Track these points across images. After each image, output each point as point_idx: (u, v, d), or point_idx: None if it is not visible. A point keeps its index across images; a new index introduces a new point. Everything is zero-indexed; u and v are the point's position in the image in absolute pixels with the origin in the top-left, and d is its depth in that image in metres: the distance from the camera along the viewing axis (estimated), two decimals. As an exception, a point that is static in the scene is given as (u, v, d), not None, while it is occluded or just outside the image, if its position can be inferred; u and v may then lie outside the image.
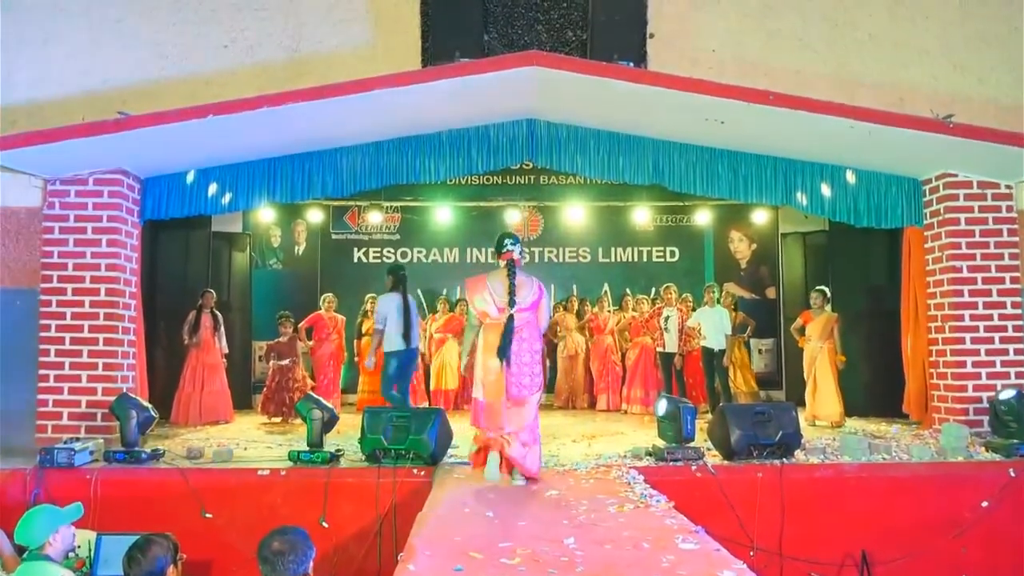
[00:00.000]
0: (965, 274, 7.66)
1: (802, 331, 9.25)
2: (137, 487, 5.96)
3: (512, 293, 5.61)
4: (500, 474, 5.55)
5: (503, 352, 5.49)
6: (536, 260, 12.31)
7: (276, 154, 7.66)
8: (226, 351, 9.69)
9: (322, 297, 10.58)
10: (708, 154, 7.87)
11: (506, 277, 5.69)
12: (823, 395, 8.82)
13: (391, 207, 12.13)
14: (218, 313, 9.62)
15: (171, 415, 9.08)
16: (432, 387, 10.54)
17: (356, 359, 10.82)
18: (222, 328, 9.62)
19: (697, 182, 7.87)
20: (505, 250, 5.83)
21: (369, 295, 10.87)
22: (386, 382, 8.37)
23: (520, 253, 5.87)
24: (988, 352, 7.61)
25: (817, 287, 9.37)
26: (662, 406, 6.54)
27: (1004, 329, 7.62)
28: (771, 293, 12.28)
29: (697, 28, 8.38)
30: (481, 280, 5.81)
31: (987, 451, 6.57)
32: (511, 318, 5.58)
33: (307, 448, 6.26)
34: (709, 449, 6.50)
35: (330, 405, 6.60)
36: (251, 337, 11.02)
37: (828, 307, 9.25)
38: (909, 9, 8.48)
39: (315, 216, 11.99)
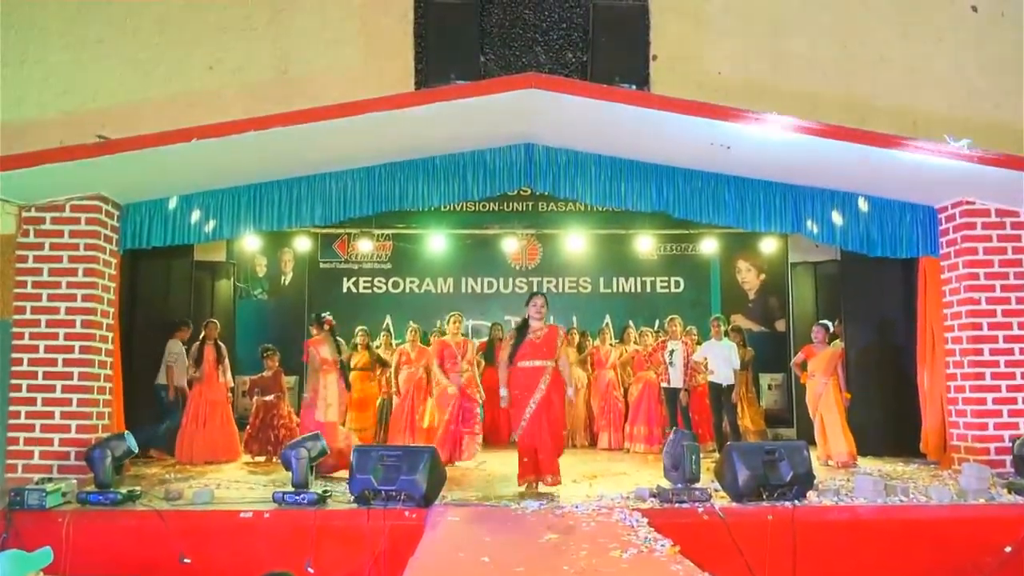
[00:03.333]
0: (984, 306, 7.67)
1: (804, 366, 9.23)
2: (112, 531, 5.90)
3: (339, 348, 8.61)
4: None
5: (349, 387, 8.77)
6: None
7: (263, 180, 7.69)
8: (231, 385, 9.69)
9: (448, 316, 9.28)
10: (714, 180, 7.90)
11: (332, 338, 8.55)
12: (832, 434, 8.77)
13: (382, 235, 12.15)
14: (222, 345, 9.62)
15: (175, 452, 9.07)
16: (426, 424, 10.47)
17: (344, 393, 10.79)
18: (226, 360, 9.62)
19: (703, 209, 7.90)
20: (326, 317, 8.63)
21: (360, 327, 10.85)
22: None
23: None
24: (1009, 388, 7.61)
25: (820, 321, 9.37)
26: (673, 437, 6.54)
27: (1026, 364, 7.63)
28: (780, 326, 12.28)
29: (702, 50, 8.46)
30: (318, 340, 8.48)
31: (1010, 493, 6.53)
32: (343, 363, 8.64)
33: (292, 489, 6.21)
34: (716, 490, 6.46)
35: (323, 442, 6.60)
36: (234, 372, 10.98)
37: (838, 341, 9.25)
38: (922, 32, 8.57)
39: (303, 244, 12.00)
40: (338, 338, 8.69)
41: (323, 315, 8.70)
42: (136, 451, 6.85)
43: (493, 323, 11.56)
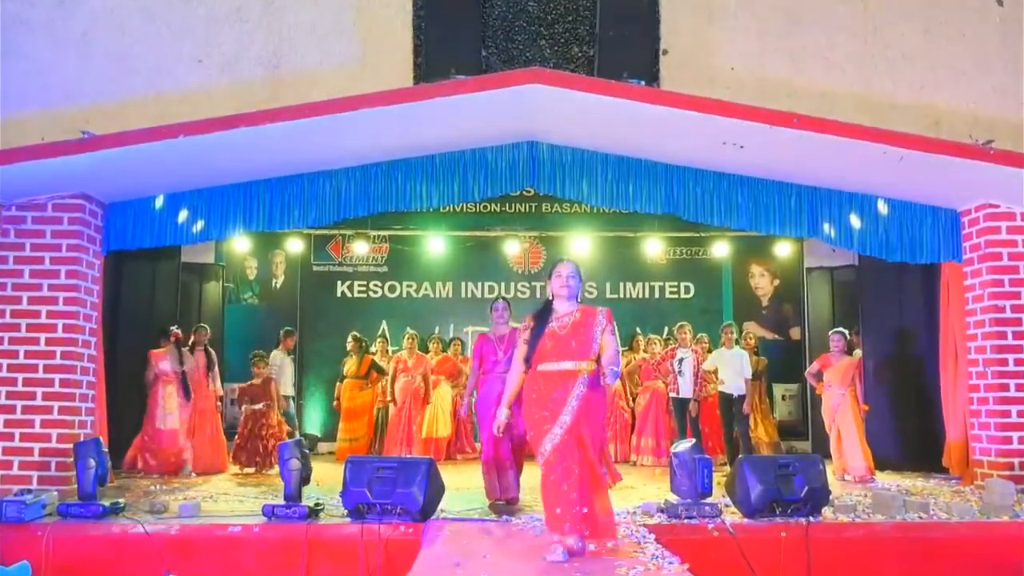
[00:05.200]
0: (1008, 314, 7.67)
1: (819, 376, 9.23)
2: (94, 545, 5.91)
3: (181, 360, 9.23)
4: None
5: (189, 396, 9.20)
6: (537, 296, 12.31)
7: (253, 178, 7.69)
8: (221, 393, 9.74)
9: (493, 305, 7.68)
10: (726, 181, 7.91)
11: (176, 350, 9.14)
12: (849, 447, 8.78)
13: (378, 236, 12.17)
14: (212, 351, 9.67)
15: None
16: (423, 435, 10.50)
17: (335, 404, 10.80)
18: (216, 368, 9.67)
19: (714, 211, 7.90)
20: (173, 330, 9.18)
21: (351, 333, 10.87)
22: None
23: None
24: (1035, 400, 7.60)
25: (836, 328, 9.38)
26: (681, 445, 6.53)
27: (1052, 375, 7.62)
28: (795, 334, 12.28)
29: (714, 45, 8.48)
30: (160, 353, 9.09)
31: (1035, 510, 6.55)
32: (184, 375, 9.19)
33: (283, 502, 6.23)
34: (727, 506, 6.47)
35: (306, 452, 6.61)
36: (223, 379, 11.00)
37: (857, 351, 9.25)
38: (944, 27, 8.57)
39: (295, 246, 12.02)
40: (183, 350, 9.31)
41: (171, 328, 9.31)
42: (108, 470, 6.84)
43: None
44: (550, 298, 5.46)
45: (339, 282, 12.30)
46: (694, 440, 6.69)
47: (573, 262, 5.51)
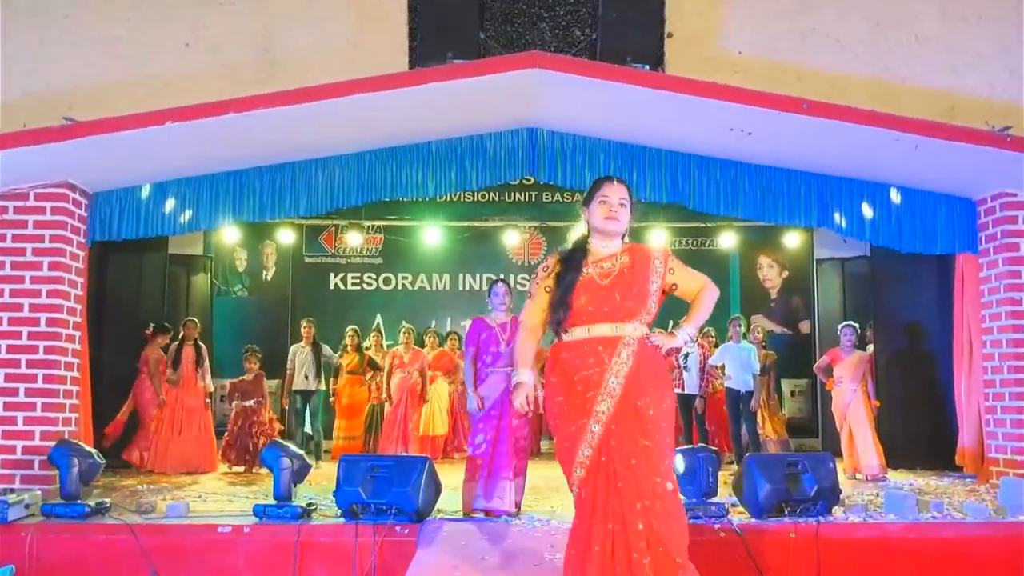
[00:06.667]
0: (1025, 307, 7.68)
1: (828, 371, 9.23)
2: (79, 546, 5.90)
3: None
4: None
5: None
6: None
7: (243, 166, 7.68)
8: (211, 389, 9.76)
9: (492, 288, 6.98)
10: (733, 169, 7.89)
11: None
12: (861, 445, 8.79)
13: (373, 227, 12.18)
14: (202, 345, 9.69)
15: (143, 461, 9.22)
16: (420, 432, 10.51)
17: (331, 399, 10.82)
18: (206, 363, 9.70)
19: (721, 201, 7.89)
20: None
21: (350, 327, 10.87)
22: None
23: None
24: (1053, 396, 7.60)
25: (847, 322, 9.37)
26: (679, 463, 6.51)
27: (1070, 370, 7.62)
28: (805, 327, 12.29)
29: (721, 28, 8.45)
30: None
31: (1052, 510, 6.55)
32: None
33: (274, 502, 6.23)
34: (734, 505, 6.47)
35: (299, 452, 6.59)
36: (212, 374, 11.03)
37: (870, 347, 9.25)
38: (961, 8, 8.54)
39: (286, 237, 12.02)
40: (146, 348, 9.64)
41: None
42: (103, 464, 6.84)
43: None
44: (586, 235, 4.09)
45: (332, 274, 12.32)
46: (678, 456, 6.64)
47: (624, 183, 4.06)
